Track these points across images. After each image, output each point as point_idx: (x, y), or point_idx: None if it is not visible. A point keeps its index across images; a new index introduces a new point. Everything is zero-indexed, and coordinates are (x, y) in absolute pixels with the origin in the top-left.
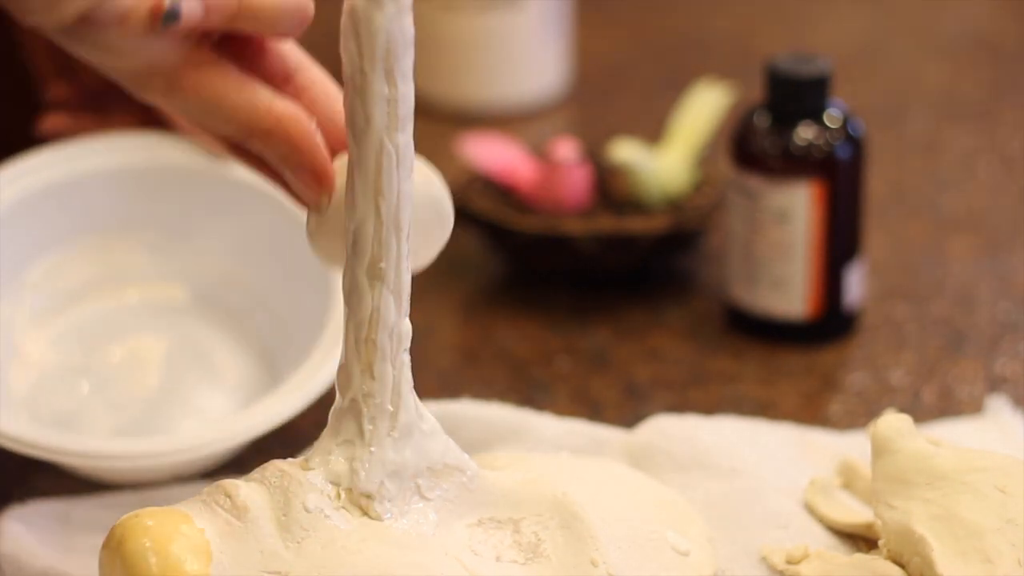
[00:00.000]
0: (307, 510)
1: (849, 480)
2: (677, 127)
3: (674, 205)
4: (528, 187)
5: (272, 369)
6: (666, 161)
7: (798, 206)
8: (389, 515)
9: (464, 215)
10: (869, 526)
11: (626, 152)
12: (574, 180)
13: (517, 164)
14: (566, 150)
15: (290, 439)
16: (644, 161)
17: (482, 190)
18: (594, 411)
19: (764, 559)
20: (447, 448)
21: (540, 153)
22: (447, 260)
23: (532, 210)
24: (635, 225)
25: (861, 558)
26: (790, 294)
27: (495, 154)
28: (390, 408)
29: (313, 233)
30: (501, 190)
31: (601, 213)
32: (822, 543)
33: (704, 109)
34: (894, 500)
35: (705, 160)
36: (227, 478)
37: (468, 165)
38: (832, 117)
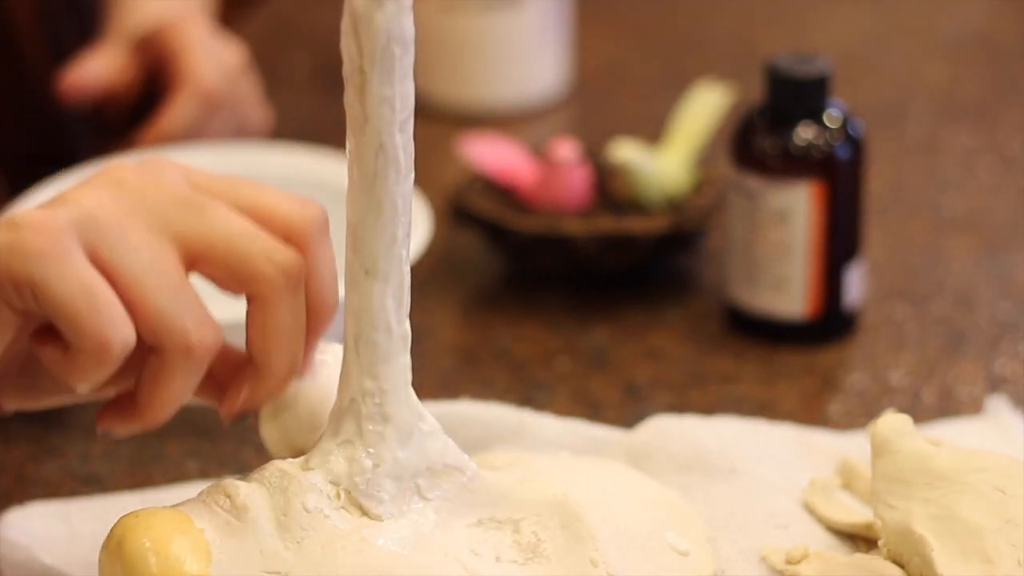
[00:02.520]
0: (307, 510)
1: (849, 480)
2: (677, 127)
3: (674, 205)
4: (528, 187)
5: None
6: (666, 161)
7: (798, 206)
8: (389, 515)
9: (464, 215)
10: (869, 526)
11: (626, 152)
12: (574, 180)
13: (517, 164)
14: (566, 150)
15: None
16: (644, 161)
17: (482, 190)
18: (594, 411)
19: (764, 559)
20: (447, 448)
21: (540, 153)
22: (447, 260)
23: (532, 210)
24: (635, 225)
25: (861, 558)
26: (790, 294)
27: (495, 154)
28: (390, 408)
29: (267, 418)
30: (501, 190)
31: (601, 213)
32: (822, 543)
33: (704, 109)
34: (894, 500)
35: (705, 160)
36: (227, 478)
37: (468, 165)
38: (832, 117)
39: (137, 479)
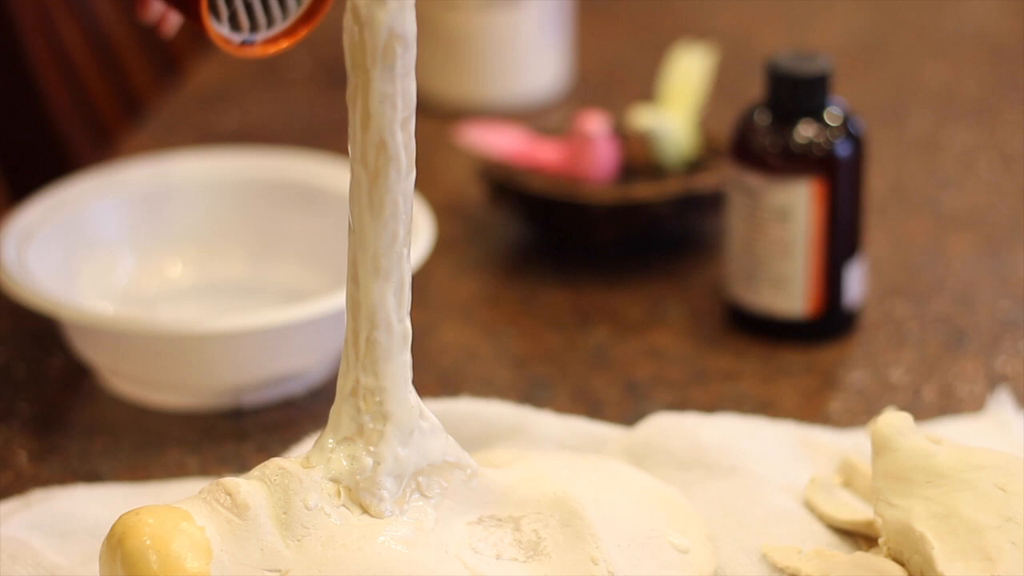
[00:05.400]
0: (307, 508)
1: (849, 478)
2: (669, 91)
3: (693, 165)
4: (553, 165)
5: None
6: (677, 123)
7: (798, 204)
8: (389, 513)
9: (505, 190)
10: (869, 524)
11: (648, 118)
12: (605, 152)
13: (533, 146)
14: (594, 124)
15: (290, 437)
16: (667, 126)
17: (505, 175)
18: (594, 409)
19: (764, 557)
20: (447, 446)
21: (559, 132)
22: (448, 259)
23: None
24: (696, 182)
25: (862, 556)
26: (790, 292)
27: (507, 139)
28: (390, 406)
29: None
30: (516, 173)
31: (631, 181)
32: (822, 541)
33: (691, 69)
34: (894, 498)
35: (704, 120)
36: (227, 476)
37: (473, 152)
38: (832, 115)
39: (138, 477)
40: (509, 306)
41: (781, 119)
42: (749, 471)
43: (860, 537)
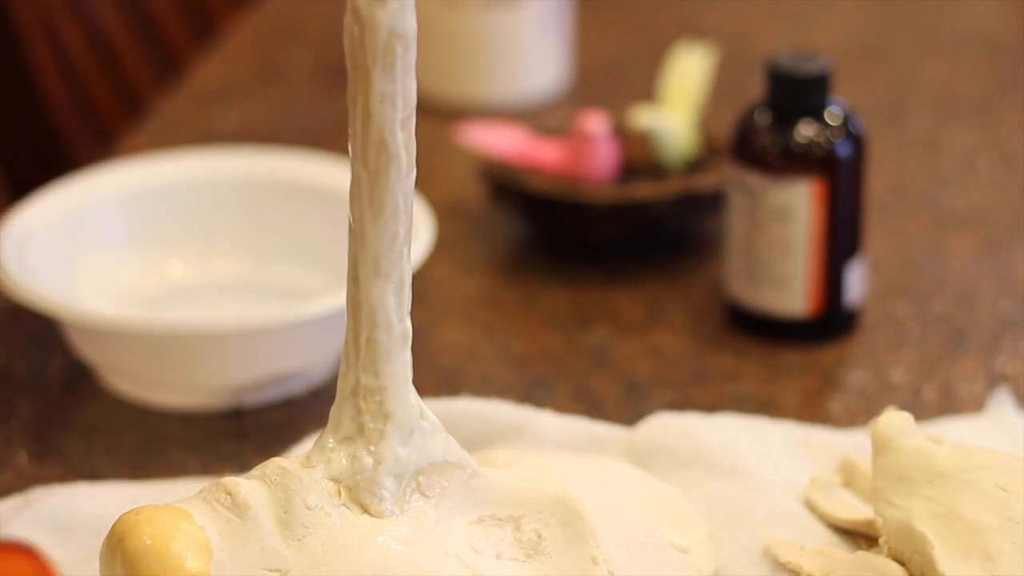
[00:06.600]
0: (308, 508)
1: (850, 478)
2: (670, 90)
3: (693, 165)
4: (553, 165)
5: None
6: (677, 123)
7: (799, 204)
8: (390, 513)
9: (505, 190)
10: (870, 524)
11: (648, 118)
12: (605, 152)
13: (533, 145)
14: (594, 123)
15: (290, 437)
16: (668, 126)
17: (507, 174)
18: (594, 409)
19: (767, 551)
20: (447, 446)
21: (559, 132)
22: (448, 259)
23: (576, 184)
24: (695, 183)
25: (863, 555)
26: (791, 292)
27: (507, 139)
28: (390, 406)
29: None
30: (515, 172)
31: (633, 180)
32: (823, 541)
33: (692, 69)
34: (895, 498)
35: (704, 120)
36: (227, 476)
37: (473, 152)
38: (833, 115)
39: (138, 476)
40: (509, 306)
41: (781, 119)
42: (749, 471)
43: (861, 537)
